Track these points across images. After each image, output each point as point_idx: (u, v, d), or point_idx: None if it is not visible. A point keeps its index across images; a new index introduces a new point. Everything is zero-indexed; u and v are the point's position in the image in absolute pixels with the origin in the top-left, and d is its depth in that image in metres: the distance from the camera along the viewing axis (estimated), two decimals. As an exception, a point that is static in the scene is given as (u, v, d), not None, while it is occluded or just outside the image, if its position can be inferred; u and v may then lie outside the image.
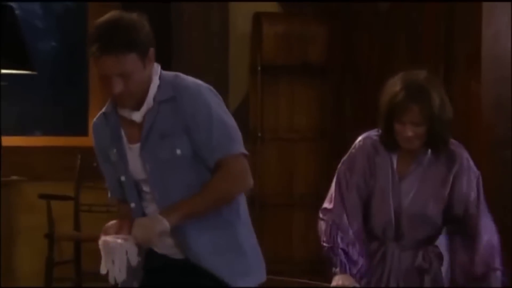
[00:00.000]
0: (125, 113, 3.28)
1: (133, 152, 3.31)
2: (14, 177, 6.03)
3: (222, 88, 5.38)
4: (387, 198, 3.75)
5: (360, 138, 3.87)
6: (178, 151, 3.25)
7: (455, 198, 3.72)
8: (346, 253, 3.85)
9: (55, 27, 6.64)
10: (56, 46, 6.62)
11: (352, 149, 3.91)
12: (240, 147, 3.30)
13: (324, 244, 3.88)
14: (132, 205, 3.35)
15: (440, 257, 3.85)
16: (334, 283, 3.79)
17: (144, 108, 3.25)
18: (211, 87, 3.35)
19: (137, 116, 3.26)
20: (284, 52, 5.86)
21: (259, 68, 5.81)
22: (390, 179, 3.75)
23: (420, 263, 3.78)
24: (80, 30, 6.64)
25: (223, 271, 3.33)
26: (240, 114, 5.74)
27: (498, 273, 3.75)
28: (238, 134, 3.32)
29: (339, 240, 3.86)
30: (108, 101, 3.35)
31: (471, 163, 3.72)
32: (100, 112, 3.40)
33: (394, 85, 3.60)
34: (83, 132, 6.78)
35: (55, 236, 6.37)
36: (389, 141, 3.70)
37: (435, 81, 3.66)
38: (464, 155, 3.72)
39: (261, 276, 3.52)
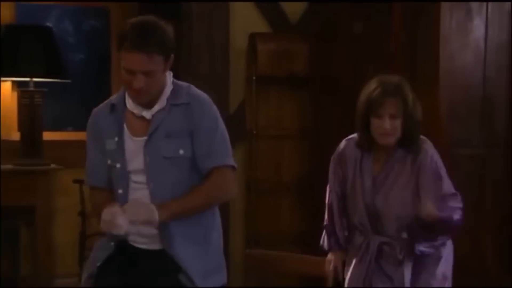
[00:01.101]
0: (135, 109, 3.14)
1: (135, 144, 3.14)
2: (53, 165, 5.83)
3: (224, 94, 5.67)
4: (358, 196, 3.56)
5: (343, 140, 3.72)
6: (181, 151, 3.11)
7: (420, 188, 3.47)
8: (336, 236, 3.77)
9: (83, 42, 6.57)
10: (84, 58, 6.57)
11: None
12: (231, 160, 3.23)
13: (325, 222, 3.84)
14: (120, 191, 3.15)
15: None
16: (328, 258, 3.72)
17: (156, 108, 3.11)
18: None
19: (148, 114, 3.12)
20: (274, 65, 5.80)
21: (254, 78, 5.75)
22: (360, 178, 3.57)
23: (398, 254, 3.49)
24: (104, 45, 6.59)
25: (195, 264, 3.17)
26: (238, 116, 5.78)
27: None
28: (230, 148, 3.27)
29: (334, 223, 3.77)
30: (118, 93, 3.25)
31: (431, 153, 3.52)
32: (104, 102, 3.27)
33: (370, 85, 3.48)
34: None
35: (87, 214, 6.23)
36: (365, 140, 3.53)
37: (407, 83, 3.49)
38: (425, 148, 3.51)
39: (224, 277, 3.43)
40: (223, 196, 3.30)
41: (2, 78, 5.88)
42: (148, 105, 3.11)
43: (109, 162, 3.16)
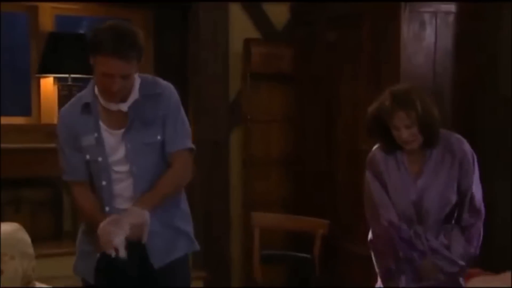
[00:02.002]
0: (110, 105, 2.85)
1: (114, 137, 2.88)
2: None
3: (225, 88, 5.79)
4: (402, 194, 3.18)
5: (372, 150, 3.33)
6: (159, 137, 2.89)
7: (462, 179, 3.18)
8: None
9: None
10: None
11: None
12: (190, 143, 2.99)
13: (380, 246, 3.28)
14: (104, 183, 2.87)
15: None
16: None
17: (130, 100, 2.85)
18: None
19: (124, 107, 2.85)
20: (265, 65, 5.86)
21: (248, 75, 5.81)
22: (401, 177, 3.20)
23: (442, 239, 3.18)
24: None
25: (161, 246, 2.92)
26: (236, 105, 5.84)
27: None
28: (190, 132, 3.02)
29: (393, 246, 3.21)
30: (87, 91, 2.92)
31: (467, 150, 3.19)
32: (71, 101, 2.97)
33: (382, 98, 3.14)
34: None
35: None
36: (386, 145, 3.20)
37: (416, 89, 3.16)
38: (462, 147, 3.18)
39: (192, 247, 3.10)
40: (184, 182, 3.01)
41: (45, 75, 5.93)
42: (123, 99, 2.85)
43: (88, 157, 2.86)
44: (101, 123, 2.86)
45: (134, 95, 2.86)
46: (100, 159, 2.85)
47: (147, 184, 2.87)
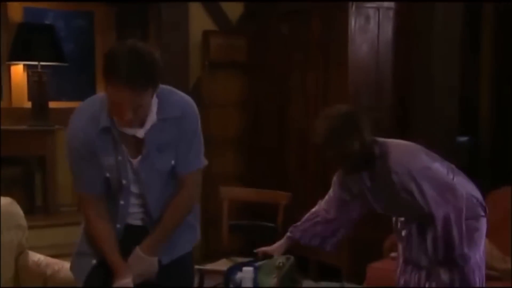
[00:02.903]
0: (126, 129, 2.30)
1: (131, 162, 2.37)
2: (57, 126, 5.63)
3: (185, 75, 5.62)
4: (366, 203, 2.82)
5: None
6: (172, 162, 2.37)
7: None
8: None
9: (73, 36, 6.15)
10: (74, 48, 6.17)
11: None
12: (202, 161, 2.49)
13: None
14: (122, 202, 2.38)
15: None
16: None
17: (147, 125, 2.29)
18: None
19: (140, 133, 2.30)
20: (221, 54, 5.69)
21: (207, 63, 5.67)
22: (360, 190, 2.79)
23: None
24: (89, 38, 6.22)
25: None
26: (196, 90, 5.63)
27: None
28: (203, 149, 2.49)
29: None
30: (99, 108, 2.29)
31: (399, 160, 2.61)
32: (84, 115, 2.31)
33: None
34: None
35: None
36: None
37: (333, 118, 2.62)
38: (393, 159, 2.61)
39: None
40: (192, 204, 2.51)
41: (15, 62, 5.75)
42: (140, 124, 2.31)
43: (107, 175, 2.35)
44: (123, 147, 2.33)
45: (151, 119, 2.30)
46: (124, 181, 2.35)
47: (159, 204, 2.42)
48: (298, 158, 5.27)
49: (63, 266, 3.19)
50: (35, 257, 3.38)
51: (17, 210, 3.41)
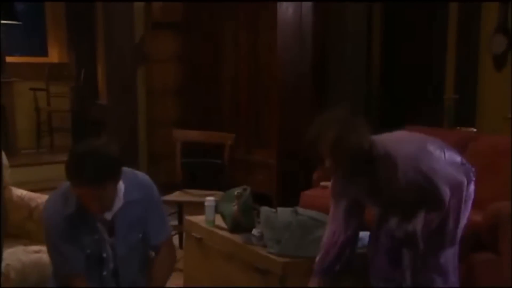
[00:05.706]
0: (95, 214, 2.35)
1: (108, 240, 2.39)
2: (14, 79, 6.05)
3: (130, 34, 5.62)
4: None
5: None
6: (140, 235, 2.46)
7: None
8: None
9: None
10: (25, 8, 6.61)
11: None
12: (169, 228, 2.66)
13: None
14: (104, 273, 2.39)
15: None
16: None
17: (115, 208, 2.36)
18: None
19: (108, 216, 2.36)
20: (163, 16, 5.96)
21: (150, 24, 5.96)
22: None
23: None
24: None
25: None
26: (139, 47, 5.94)
27: None
28: (167, 220, 2.64)
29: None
30: (73, 200, 2.29)
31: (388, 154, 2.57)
32: (59, 202, 2.32)
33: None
34: (44, 53, 6.88)
35: (39, 110, 6.50)
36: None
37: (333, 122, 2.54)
38: (398, 159, 2.54)
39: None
40: (173, 266, 2.62)
41: None
42: (108, 208, 2.38)
43: (88, 251, 2.36)
44: (99, 225, 2.39)
45: (119, 203, 2.38)
46: (104, 255, 2.41)
47: (134, 269, 2.50)
48: (231, 104, 5.64)
49: (43, 200, 2.99)
50: (18, 191, 3.48)
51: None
